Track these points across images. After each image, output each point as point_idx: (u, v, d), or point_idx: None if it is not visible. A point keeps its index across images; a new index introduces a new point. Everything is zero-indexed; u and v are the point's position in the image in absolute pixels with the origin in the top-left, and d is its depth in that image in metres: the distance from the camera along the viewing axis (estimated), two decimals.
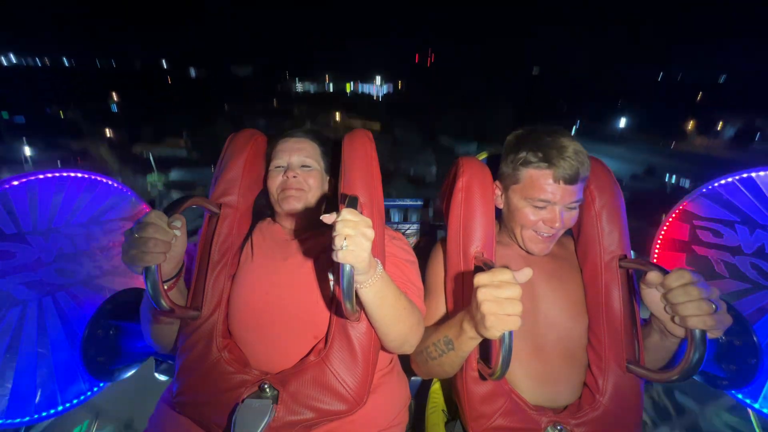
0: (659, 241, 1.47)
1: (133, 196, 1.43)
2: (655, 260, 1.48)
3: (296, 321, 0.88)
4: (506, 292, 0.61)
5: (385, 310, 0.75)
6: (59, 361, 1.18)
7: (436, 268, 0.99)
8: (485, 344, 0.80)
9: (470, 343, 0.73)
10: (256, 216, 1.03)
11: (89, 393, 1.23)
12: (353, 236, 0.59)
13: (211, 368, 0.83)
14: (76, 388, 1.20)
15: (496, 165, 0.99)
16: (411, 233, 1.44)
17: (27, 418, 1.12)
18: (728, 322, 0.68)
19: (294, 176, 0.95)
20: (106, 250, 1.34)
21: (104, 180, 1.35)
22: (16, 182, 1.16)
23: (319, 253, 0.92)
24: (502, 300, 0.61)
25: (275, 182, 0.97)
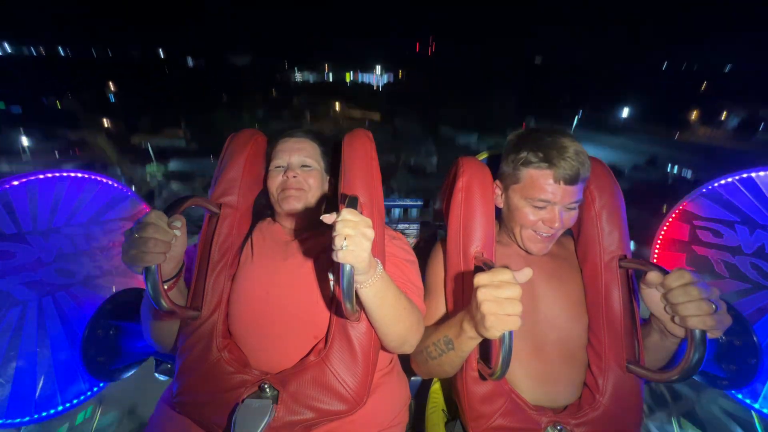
0: (659, 241, 1.47)
1: (133, 196, 1.43)
2: (655, 260, 1.48)
3: (296, 321, 0.88)
4: (506, 292, 0.61)
5: (385, 310, 0.75)
6: (59, 361, 1.18)
7: (436, 268, 0.99)
8: (485, 344, 0.80)
9: (470, 343, 0.73)
10: (256, 216, 1.03)
11: (89, 393, 1.23)
12: (353, 236, 0.59)
13: (211, 368, 0.83)
14: (76, 388, 1.20)
15: (496, 165, 0.99)
16: (411, 233, 1.44)
17: (27, 418, 1.12)
18: (728, 322, 0.68)
19: (294, 176, 0.95)
20: (106, 250, 1.34)
21: (104, 180, 1.35)
22: (16, 182, 1.16)
23: (319, 253, 0.92)
24: (502, 300, 0.61)
25: (275, 182, 0.97)
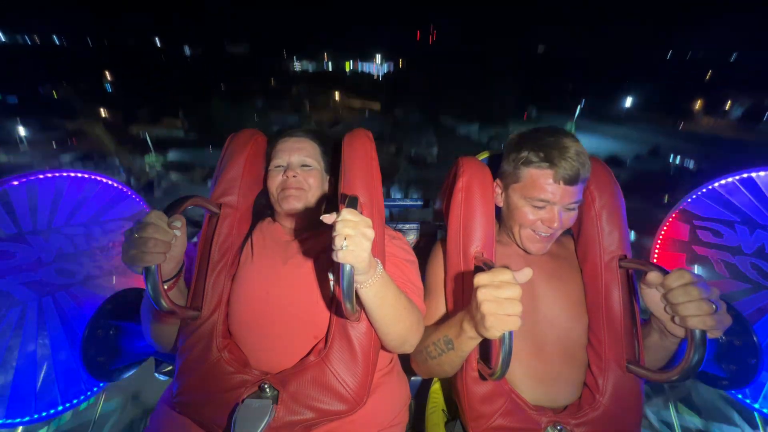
0: (659, 241, 1.47)
1: (133, 196, 1.43)
2: (655, 260, 1.48)
3: (296, 321, 0.88)
4: (506, 293, 0.61)
5: (385, 310, 0.75)
6: (59, 361, 1.18)
7: (435, 268, 0.99)
8: (485, 344, 0.80)
9: (470, 342, 0.73)
10: (256, 216, 1.03)
11: (89, 393, 1.23)
12: (353, 236, 0.59)
13: (211, 368, 0.83)
14: (76, 388, 1.20)
15: (496, 165, 0.99)
16: (411, 233, 1.44)
17: (27, 418, 1.12)
18: (728, 322, 0.68)
19: (294, 175, 0.95)
20: (106, 250, 1.34)
21: (104, 180, 1.35)
22: (16, 182, 1.16)
23: (319, 253, 0.92)
24: (502, 300, 0.61)
25: (275, 182, 0.97)
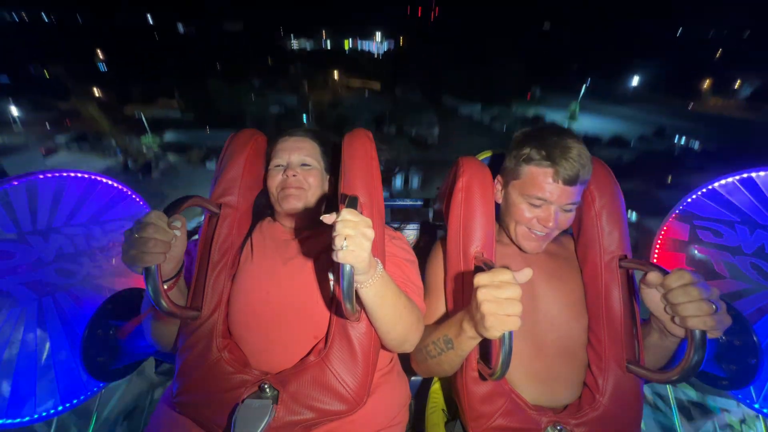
0: (659, 241, 1.47)
1: (133, 196, 1.43)
2: (655, 260, 1.48)
3: (296, 321, 0.87)
4: (506, 293, 0.61)
5: (386, 310, 0.75)
6: (59, 361, 1.18)
7: (435, 268, 0.99)
8: (485, 344, 0.80)
9: (470, 342, 0.73)
10: (256, 216, 1.03)
11: (89, 393, 1.23)
12: (353, 236, 0.59)
13: (211, 368, 0.83)
14: (76, 388, 1.20)
15: (496, 165, 0.99)
16: (411, 233, 1.44)
17: (27, 418, 1.12)
18: (728, 322, 0.68)
19: (294, 175, 0.95)
20: (106, 250, 1.34)
21: (104, 180, 1.35)
22: (16, 182, 1.16)
23: (319, 253, 0.92)
24: (502, 300, 0.61)
25: (275, 181, 0.97)
